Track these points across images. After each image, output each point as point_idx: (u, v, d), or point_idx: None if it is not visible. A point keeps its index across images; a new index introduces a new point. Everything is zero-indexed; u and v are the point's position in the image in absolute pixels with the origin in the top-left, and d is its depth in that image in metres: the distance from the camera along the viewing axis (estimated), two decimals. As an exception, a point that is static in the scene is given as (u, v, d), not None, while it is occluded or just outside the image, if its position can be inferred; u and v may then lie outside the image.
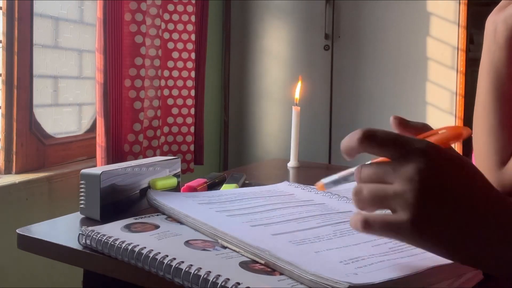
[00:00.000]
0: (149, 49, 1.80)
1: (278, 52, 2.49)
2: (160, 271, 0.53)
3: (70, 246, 0.62)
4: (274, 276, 0.50)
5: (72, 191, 1.60)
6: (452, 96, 2.18)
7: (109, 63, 1.62)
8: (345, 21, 2.37)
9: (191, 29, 2.00)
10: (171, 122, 2.00)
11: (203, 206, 0.70)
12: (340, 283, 0.44)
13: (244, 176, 0.96)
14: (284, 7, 2.46)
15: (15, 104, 1.51)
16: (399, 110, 2.30)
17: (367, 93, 2.35)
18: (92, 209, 0.71)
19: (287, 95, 2.45)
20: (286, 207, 0.72)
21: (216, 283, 0.48)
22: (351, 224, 0.47)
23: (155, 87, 1.84)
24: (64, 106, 1.80)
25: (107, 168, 0.73)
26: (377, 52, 2.33)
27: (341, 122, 2.40)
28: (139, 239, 0.59)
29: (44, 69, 1.69)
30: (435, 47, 2.22)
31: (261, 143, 2.54)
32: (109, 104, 1.63)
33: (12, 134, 1.52)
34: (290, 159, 1.19)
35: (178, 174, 0.84)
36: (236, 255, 0.55)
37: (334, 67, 2.40)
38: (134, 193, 0.76)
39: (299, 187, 0.84)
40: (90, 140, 1.82)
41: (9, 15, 1.49)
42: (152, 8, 1.81)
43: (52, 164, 1.67)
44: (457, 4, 2.16)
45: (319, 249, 0.54)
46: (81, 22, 1.86)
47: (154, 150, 1.83)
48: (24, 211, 1.47)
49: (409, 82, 2.28)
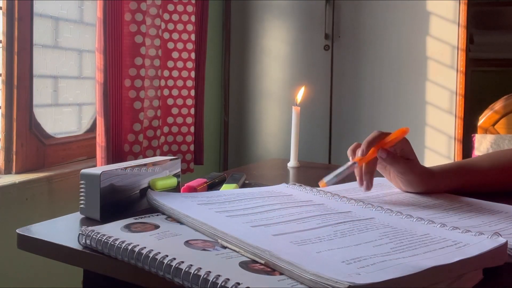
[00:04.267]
0: (149, 49, 1.80)
1: (278, 52, 2.49)
2: (160, 271, 0.53)
3: (70, 246, 0.62)
4: (274, 276, 0.50)
5: (72, 191, 1.60)
6: (452, 96, 2.18)
7: (109, 63, 1.62)
8: (345, 21, 2.37)
9: (191, 29, 2.00)
10: (171, 122, 2.00)
11: (203, 207, 0.70)
12: (341, 283, 0.44)
13: (244, 176, 0.96)
14: (284, 7, 2.46)
15: (15, 104, 1.51)
16: (399, 110, 2.30)
17: (367, 93, 2.35)
18: (92, 209, 0.71)
19: (287, 95, 2.45)
20: (285, 207, 0.71)
21: (216, 283, 0.48)
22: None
23: (155, 87, 1.84)
24: (64, 106, 1.80)
25: (107, 168, 0.72)
26: (377, 52, 2.33)
27: (341, 122, 2.40)
28: (139, 239, 0.59)
29: (44, 69, 1.69)
30: (435, 46, 2.22)
31: (261, 143, 2.54)
32: (109, 104, 1.63)
33: (12, 134, 1.52)
34: (290, 159, 1.19)
35: (178, 174, 0.84)
36: (236, 255, 0.55)
37: (334, 67, 2.40)
38: (134, 193, 0.76)
39: (297, 188, 0.84)
40: (90, 140, 1.82)
41: (9, 15, 1.49)
42: (152, 8, 1.81)
43: (52, 164, 1.67)
44: (457, 3, 2.16)
45: (320, 250, 0.54)
46: (81, 22, 1.86)
47: (154, 150, 1.83)
48: (24, 211, 1.47)
49: (409, 81, 2.28)
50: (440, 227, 0.63)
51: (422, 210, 0.76)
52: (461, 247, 0.56)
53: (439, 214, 0.74)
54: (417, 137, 2.26)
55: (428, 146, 2.25)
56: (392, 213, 0.69)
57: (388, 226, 0.64)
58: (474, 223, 0.70)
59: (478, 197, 0.84)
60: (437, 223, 0.64)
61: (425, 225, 0.64)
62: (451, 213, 0.75)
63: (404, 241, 0.58)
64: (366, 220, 0.66)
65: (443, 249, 0.55)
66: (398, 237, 0.59)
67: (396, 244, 0.56)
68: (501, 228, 0.68)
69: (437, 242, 0.57)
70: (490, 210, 0.77)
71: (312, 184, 0.85)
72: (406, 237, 0.59)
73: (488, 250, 0.54)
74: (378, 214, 0.69)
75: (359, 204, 0.74)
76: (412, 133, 2.28)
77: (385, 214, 0.69)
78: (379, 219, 0.67)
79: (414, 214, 0.68)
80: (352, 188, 0.89)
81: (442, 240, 0.58)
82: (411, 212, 0.72)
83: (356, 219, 0.67)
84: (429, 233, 0.61)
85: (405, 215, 0.67)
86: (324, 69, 2.41)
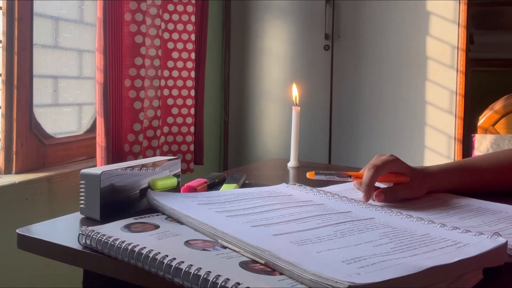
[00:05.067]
0: (149, 49, 1.80)
1: (278, 52, 2.49)
2: (160, 271, 0.53)
3: (70, 246, 0.62)
4: (274, 276, 0.50)
5: (72, 191, 1.60)
6: (452, 96, 2.18)
7: (109, 63, 1.62)
8: (345, 21, 2.37)
9: (191, 29, 2.00)
10: (171, 122, 2.00)
11: (203, 207, 0.70)
12: (341, 282, 0.44)
13: (244, 176, 0.96)
14: (284, 7, 2.46)
15: (15, 104, 1.51)
16: (399, 110, 2.30)
17: (367, 93, 2.35)
18: (92, 209, 0.71)
19: (287, 95, 2.45)
20: (285, 207, 0.72)
21: (216, 283, 0.48)
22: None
23: (155, 87, 1.84)
24: (64, 106, 1.80)
25: (107, 168, 0.72)
26: (377, 52, 2.33)
27: (341, 122, 2.40)
28: (139, 239, 0.59)
29: (44, 69, 1.69)
30: (435, 46, 2.22)
31: (261, 143, 2.54)
32: (109, 104, 1.63)
33: (12, 134, 1.52)
34: (290, 159, 1.19)
35: (178, 174, 0.84)
36: (236, 255, 0.55)
37: (334, 67, 2.40)
38: (134, 193, 0.76)
39: (297, 188, 0.84)
40: (90, 140, 1.82)
41: (9, 15, 1.49)
42: (152, 8, 1.81)
43: (52, 164, 1.67)
44: (457, 3, 2.16)
45: (320, 250, 0.54)
46: (81, 22, 1.86)
47: (154, 150, 1.83)
48: (24, 211, 1.47)
49: (409, 81, 2.28)
50: (440, 227, 0.63)
51: (422, 210, 0.76)
52: (461, 247, 0.56)
53: (439, 214, 0.74)
54: (417, 137, 2.26)
55: (428, 146, 2.25)
56: (392, 213, 0.69)
57: (388, 226, 0.64)
58: (474, 223, 0.70)
59: (478, 197, 0.84)
60: (437, 223, 0.64)
61: (425, 225, 0.64)
62: (451, 213, 0.75)
63: (404, 241, 0.58)
64: (366, 220, 0.66)
65: (443, 249, 0.55)
66: (398, 237, 0.59)
67: (396, 244, 0.56)
68: (501, 228, 0.68)
69: (437, 242, 0.58)
70: (490, 210, 0.77)
71: (312, 184, 0.85)
72: (406, 237, 0.59)
73: (488, 250, 0.54)
74: (378, 214, 0.69)
75: (359, 204, 0.74)
76: (412, 133, 2.28)
77: (385, 214, 0.69)
78: (379, 219, 0.67)
79: (414, 214, 0.68)
80: (352, 188, 0.89)
81: (442, 240, 0.58)
82: (411, 212, 0.72)
83: (356, 219, 0.67)
84: (429, 233, 0.61)
85: (405, 215, 0.68)
86: (324, 69, 2.41)
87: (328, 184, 0.92)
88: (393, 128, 2.31)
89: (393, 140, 2.31)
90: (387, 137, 2.32)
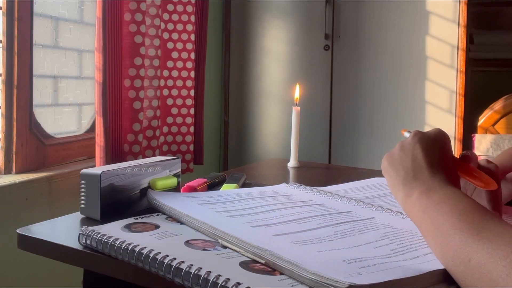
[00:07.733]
0: (148, 49, 1.80)
1: (278, 52, 2.49)
2: (160, 271, 0.53)
3: (70, 246, 0.62)
4: (275, 276, 0.50)
5: (72, 191, 1.60)
6: (452, 96, 2.18)
7: (108, 63, 1.62)
8: (345, 21, 2.37)
9: (191, 29, 1.99)
10: (171, 122, 2.00)
11: (203, 207, 0.70)
12: (341, 282, 0.44)
13: (244, 176, 0.96)
14: (284, 7, 2.46)
15: (15, 104, 1.51)
16: (399, 110, 2.30)
17: (367, 93, 2.35)
18: (92, 209, 0.71)
19: (287, 95, 2.45)
20: (286, 207, 0.71)
21: (217, 283, 0.48)
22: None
23: (155, 87, 1.84)
24: (64, 106, 1.80)
25: (107, 168, 0.72)
26: (377, 52, 2.33)
27: (341, 122, 2.40)
28: (139, 239, 0.59)
29: (44, 69, 1.69)
30: (435, 46, 2.22)
31: (261, 143, 2.54)
32: (108, 104, 1.63)
33: (12, 134, 1.52)
34: (290, 159, 1.19)
35: (178, 174, 0.84)
36: (237, 255, 0.55)
37: (334, 67, 2.40)
38: (134, 193, 0.76)
39: (297, 188, 0.84)
40: (90, 140, 1.82)
41: (9, 15, 1.49)
42: (152, 8, 1.81)
43: (52, 164, 1.67)
44: (457, 3, 2.16)
45: (321, 250, 0.54)
46: (81, 22, 1.86)
47: (153, 150, 1.83)
48: (24, 211, 1.47)
49: (409, 81, 2.28)
50: (441, 227, 0.63)
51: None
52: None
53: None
54: (417, 137, 2.26)
55: (428, 146, 2.24)
56: (392, 213, 0.69)
57: (389, 226, 0.64)
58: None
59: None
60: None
61: (425, 225, 0.64)
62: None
63: (404, 242, 0.58)
64: (366, 220, 0.66)
65: (444, 249, 0.55)
66: (398, 238, 0.59)
67: (396, 245, 0.56)
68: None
69: (438, 242, 0.57)
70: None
71: (312, 184, 0.85)
72: (407, 238, 0.59)
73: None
74: (378, 214, 0.69)
75: (359, 204, 0.74)
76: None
77: (385, 214, 0.69)
78: (379, 219, 0.67)
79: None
80: (352, 188, 0.89)
81: (442, 240, 0.58)
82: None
83: (356, 219, 0.67)
84: (429, 233, 0.61)
85: (405, 215, 0.67)
86: (324, 69, 2.41)
87: (328, 184, 0.92)
88: (393, 128, 2.31)
89: (393, 140, 2.31)
90: (387, 137, 2.32)
